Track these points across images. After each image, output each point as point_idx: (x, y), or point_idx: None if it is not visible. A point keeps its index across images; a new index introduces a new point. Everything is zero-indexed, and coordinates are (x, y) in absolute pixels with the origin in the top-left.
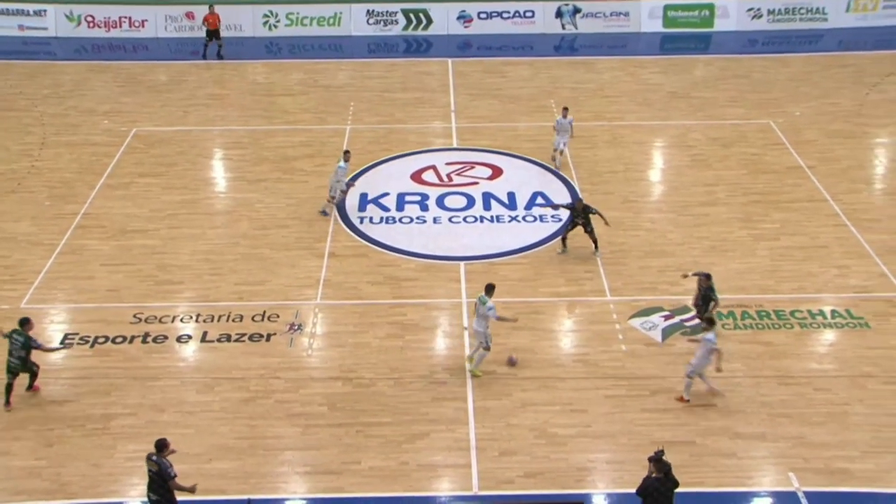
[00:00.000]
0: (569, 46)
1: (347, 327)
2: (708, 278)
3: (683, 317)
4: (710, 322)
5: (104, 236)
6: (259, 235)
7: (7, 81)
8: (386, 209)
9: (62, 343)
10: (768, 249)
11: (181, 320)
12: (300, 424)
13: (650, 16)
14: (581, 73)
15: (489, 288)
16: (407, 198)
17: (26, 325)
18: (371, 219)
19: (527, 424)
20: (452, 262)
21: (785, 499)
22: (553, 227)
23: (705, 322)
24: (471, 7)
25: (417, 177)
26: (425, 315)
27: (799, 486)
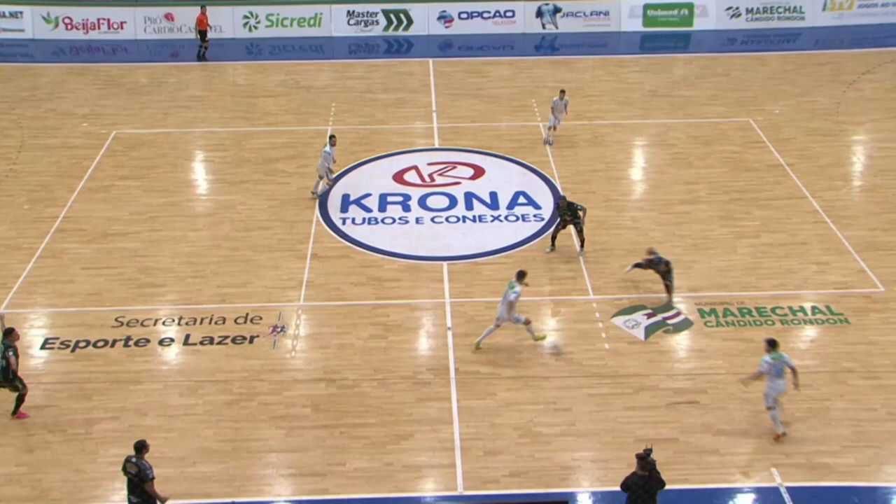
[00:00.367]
0: (549, 46)
1: (331, 328)
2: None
3: (666, 314)
4: (772, 344)
5: (85, 240)
6: (241, 237)
7: None
8: (368, 210)
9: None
10: (749, 247)
11: (163, 323)
12: (284, 426)
13: (630, 15)
14: (562, 73)
15: (520, 274)
16: (389, 198)
17: (10, 336)
18: (353, 220)
19: (511, 424)
20: (435, 263)
21: (767, 494)
22: (535, 227)
23: (766, 344)
24: (451, 7)
25: (400, 177)
26: (409, 315)
27: (781, 482)
